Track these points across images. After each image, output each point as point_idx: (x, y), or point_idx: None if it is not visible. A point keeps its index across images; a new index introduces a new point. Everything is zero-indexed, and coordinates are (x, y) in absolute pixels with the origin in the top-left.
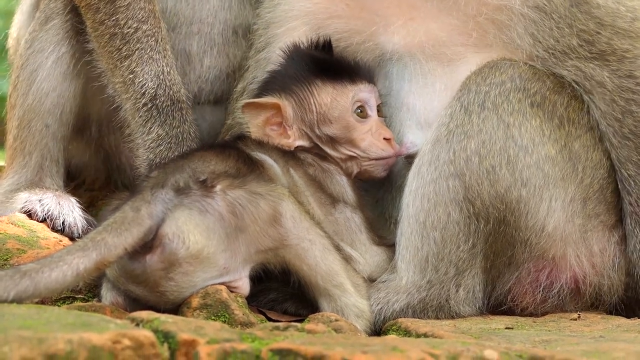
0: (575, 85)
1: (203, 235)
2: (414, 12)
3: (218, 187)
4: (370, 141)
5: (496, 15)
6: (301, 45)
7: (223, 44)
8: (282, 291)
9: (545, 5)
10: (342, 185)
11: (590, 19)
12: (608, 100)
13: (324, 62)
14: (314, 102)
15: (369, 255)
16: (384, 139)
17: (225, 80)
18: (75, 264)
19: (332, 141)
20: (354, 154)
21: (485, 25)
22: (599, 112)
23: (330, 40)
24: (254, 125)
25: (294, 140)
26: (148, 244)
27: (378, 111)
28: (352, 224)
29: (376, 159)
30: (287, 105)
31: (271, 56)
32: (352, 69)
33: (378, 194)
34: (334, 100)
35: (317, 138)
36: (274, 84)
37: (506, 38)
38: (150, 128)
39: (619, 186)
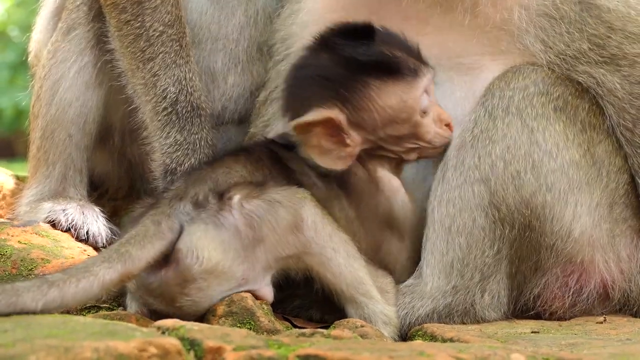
0: (592, 92)
1: (218, 251)
2: (427, 27)
3: (235, 199)
4: (435, 132)
5: (504, 25)
6: (336, 40)
7: (247, 62)
8: (307, 298)
9: (555, 13)
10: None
11: (601, 23)
12: (618, 108)
13: (376, 57)
14: (375, 107)
15: None
16: (446, 125)
17: (249, 99)
18: (102, 275)
19: (397, 139)
20: (419, 146)
21: (497, 33)
22: (612, 121)
23: (372, 26)
24: (309, 146)
25: (355, 147)
26: (166, 257)
27: None
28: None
29: (440, 146)
30: (341, 116)
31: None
32: (408, 57)
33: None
34: (400, 101)
35: (380, 139)
36: (318, 91)
37: (520, 45)
38: (169, 133)
39: (639, 193)
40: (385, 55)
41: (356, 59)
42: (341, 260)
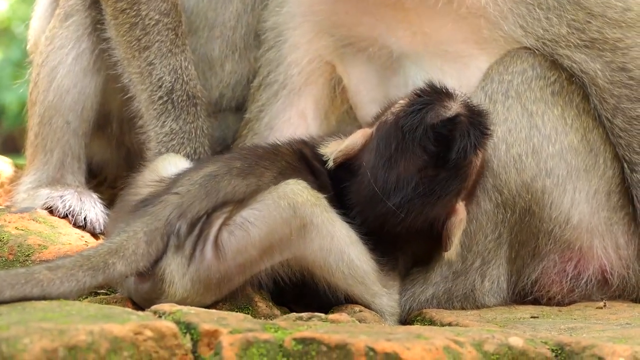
0: (578, 79)
1: (186, 287)
2: (411, 15)
3: (212, 232)
4: None
5: (480, 12)
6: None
7: (245, 49)
8: (304, 289)
9: (531, 0)
10: None
11: (580, 9)
12: (600, 98)
13: None
14: None
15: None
16: None
17: (247, 86)
18: (84, 281)
19: None
20: None
21: (475, 21)
22: (597, 110)
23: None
24: None
25: None
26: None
27: None
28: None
29: None
30: None
31: (281, 54)
32: None
33: None
34: None
35: None
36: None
37: (500, 32)
38: (164, 122)
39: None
40: None
41: None
42: (340, 263)
